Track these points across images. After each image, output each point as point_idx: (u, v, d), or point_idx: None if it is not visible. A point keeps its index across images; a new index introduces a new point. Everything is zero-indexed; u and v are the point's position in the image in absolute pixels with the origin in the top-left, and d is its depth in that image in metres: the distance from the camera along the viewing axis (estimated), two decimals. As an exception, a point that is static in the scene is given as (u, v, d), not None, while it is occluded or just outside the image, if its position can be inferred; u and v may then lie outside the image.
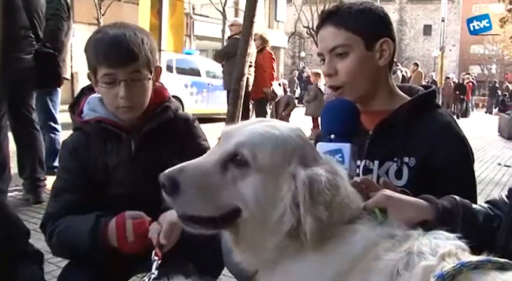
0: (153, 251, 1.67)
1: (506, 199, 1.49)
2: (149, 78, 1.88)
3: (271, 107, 10.28)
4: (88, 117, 1.92)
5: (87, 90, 2.03)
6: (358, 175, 1.70)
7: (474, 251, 1.15)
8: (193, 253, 1.80)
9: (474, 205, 1.43)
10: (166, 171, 1.24)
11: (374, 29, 1.75)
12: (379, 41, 1.74)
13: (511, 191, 1.45)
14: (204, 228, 1.27)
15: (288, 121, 10.95)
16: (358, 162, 1.74)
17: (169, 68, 12.72)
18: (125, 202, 1.84)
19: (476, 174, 1.88)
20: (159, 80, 2.01)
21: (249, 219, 1.23)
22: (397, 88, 1.86)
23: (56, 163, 5.07)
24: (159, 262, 1.64)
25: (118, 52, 1.78)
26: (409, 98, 1.80)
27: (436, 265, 1.07)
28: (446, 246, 1.12)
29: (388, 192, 1.34)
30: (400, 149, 1.71)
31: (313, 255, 1.19)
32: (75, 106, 2.01)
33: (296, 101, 14.88)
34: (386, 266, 1.11)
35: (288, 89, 13.47)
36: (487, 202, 1.52)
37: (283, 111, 12.32)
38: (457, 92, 24.05)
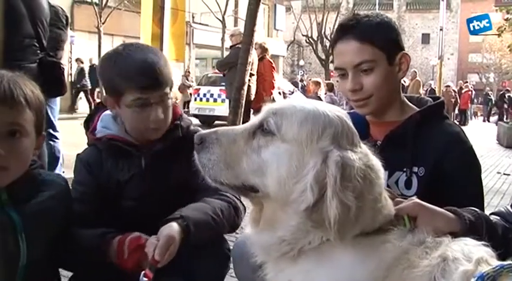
0: (142, 272, 1.60)
1: None
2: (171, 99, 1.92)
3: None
4: (101, 134, 1.96)
5: (102, 106, 2.06)
6: None
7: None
8: (196, 261, 1.81)
9: (491, 217, 1.45)
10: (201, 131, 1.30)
11: (394, 43, 1.77)
12: (398, 55, 1.77)
13: None
14: (226, 188, 1.29)
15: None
16: None
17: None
18: (135, 215, 1.87)
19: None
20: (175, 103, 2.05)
21: (271, 194, 1.20)
22: (406, 99, 1.88)
23: (57, 170, 5.14)
24: None
25: (151, 78, 1.81)
26: (418, 109, 1.82)
27: (474, 269, 1.07)
28: (479, 252, 1.13)
29: (419, 201, 1.35)
30: (409, 159, 1.72)
31: (343, 259, 1.16)
32: (90, 122, 2.04)
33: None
34: (423, 273, 1.10)
35: (288, 98, 13.56)
36: (492, 214, 1.54)
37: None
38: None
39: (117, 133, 1.94)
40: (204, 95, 15.12)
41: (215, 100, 14.78)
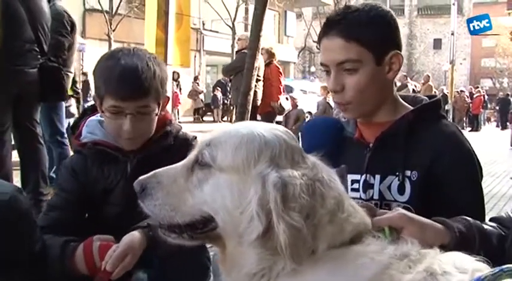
0: None
1: None
2: (156, 112, 1.83)
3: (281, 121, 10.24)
4: (86, 140, 1.92)
5: (90, 111, 2.03)
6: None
7: None
8: (171, 271, 1.75)
9: (485, 226, 1.34)
10: (140, 177, 1.22)
11: (385, 42, 1.64)
12: (388, 54, 1.64)
13: None
14: (182, 238, 1.21)
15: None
16: (358, 177, 1.67)
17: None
18: (120, 222, 1.81)
19: (488, 188, 1.79)
20: (165, 109, 1.97)
21: (224, 227, 1.15)
22: (400, 98, 1.77)
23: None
24: None
25: (128, 87, 1.72)
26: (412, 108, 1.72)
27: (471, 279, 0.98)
28: (473, 264, 1.04)
29: (405, 212, 1.27)
30: (401, 162, 1.61)
31: (314, 275, 1.07)
32: (75, 128, 2.01)
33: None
34: None
35: (298, 104, 13.45)
36: (492, 219, 1.44)
37: (293, 125, 12.25)
38: None
39: (103, 138, 1.90)
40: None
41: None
